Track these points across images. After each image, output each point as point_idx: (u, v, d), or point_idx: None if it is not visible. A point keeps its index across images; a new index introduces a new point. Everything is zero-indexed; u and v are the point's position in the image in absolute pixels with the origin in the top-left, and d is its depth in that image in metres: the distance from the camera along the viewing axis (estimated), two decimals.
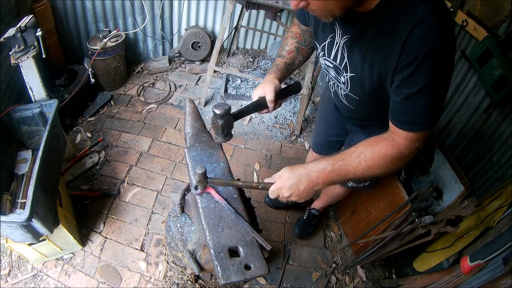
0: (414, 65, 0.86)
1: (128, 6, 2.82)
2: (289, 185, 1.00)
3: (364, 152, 0.98)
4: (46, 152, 1.58)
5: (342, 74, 1.11)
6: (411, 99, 0.91)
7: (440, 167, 1.87)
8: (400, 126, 0.96)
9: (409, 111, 0.94)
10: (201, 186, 1.10)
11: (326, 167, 0.99)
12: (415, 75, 0.87)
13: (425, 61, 0.85)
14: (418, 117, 0.93)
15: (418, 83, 0.88)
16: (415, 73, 0.87)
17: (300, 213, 2.26)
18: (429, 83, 0.88)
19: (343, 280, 2.06)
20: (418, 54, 0.84)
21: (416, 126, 0.94)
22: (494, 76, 1.65)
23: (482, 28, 1.79)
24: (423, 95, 0.90)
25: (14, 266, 1.86)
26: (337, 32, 1.04)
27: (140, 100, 2.93)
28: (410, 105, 0.93)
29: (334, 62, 1.11)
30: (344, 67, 1.08)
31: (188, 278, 1.64)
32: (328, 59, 1.13)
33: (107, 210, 2.15)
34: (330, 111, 1.59)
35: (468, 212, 1.46)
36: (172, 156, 2.53)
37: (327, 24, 1.06)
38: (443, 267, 1.71)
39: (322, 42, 1.12)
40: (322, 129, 1.76)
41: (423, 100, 0.91)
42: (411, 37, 0.84)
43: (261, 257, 0.99)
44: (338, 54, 1.07)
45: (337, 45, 1.06)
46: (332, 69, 1.15)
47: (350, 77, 1.08)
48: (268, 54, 3.62)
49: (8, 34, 1.72)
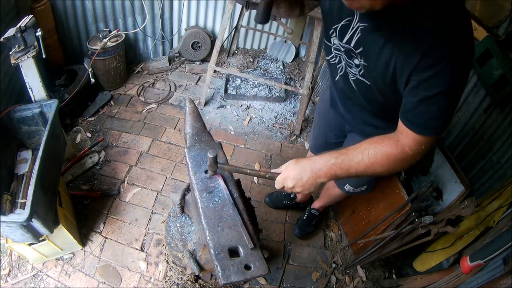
0: (437, 68, 0.86)
1: (128, 6, 2.82)
2: (293, 175, 1.02)
3: (368, 149, 0.99)
4: (46, 152, 1.58)
5: (356, 58, 1.07)
6: (427, 102, 0.91)
7: (440, 167, 1.87)
8: (411, 127, 0.96)
9: (423, 113, 0.93)
10: (211, 171, 1.13)
11: (329, 160, 1.01)
12: (436, 79, 0.87)
13: (448, 67, 0.85)
14: (431, 120, 0.93)
15: (437, 87, 0.88)
16: (436, 76, 0.87)
17: (300, 213, 2.26)
18: (448, 89, 0.88)
19: (343, 280, 2.06)
20: (442, 59, 0.85)
21: (427, 129, 0.94)
22: (494, 76, 1.65)
23: (482, 28, 1.79)
24: (440, 100, 0.90)
25: (14, 266, 1.86)
26: (355, 16, 1.00)
27: (140, 100, 2.93)
28: (425, 107, 0.92)
29: (348, 45, 1.07)
30: (359, 53, 1.05)
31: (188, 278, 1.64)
32: (341, 42, 1.09)
33: (107, 210, 2.15)
34: (329, 112, 1.59)
35: (468, 212, 1.46)
36: (172, 156, 2.53)
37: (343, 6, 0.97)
38: (443, 267, 1.71)
39: (336, 23, 1.08)
40: (320, 131, 1.76)
41: (439, 104, 0.91)
42: (437, 44, 0.84)
43: (261, 257, 0.99)
44: (353, 39, 1.03)
45: (353, 30, 1.02)
46: (343, 53, 1.11)
47: (363, 65, 1.06)
48: (268, 54, 3.62)
49: (8, 34, 1.72)
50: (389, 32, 0.92)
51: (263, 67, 3.45)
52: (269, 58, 3.58)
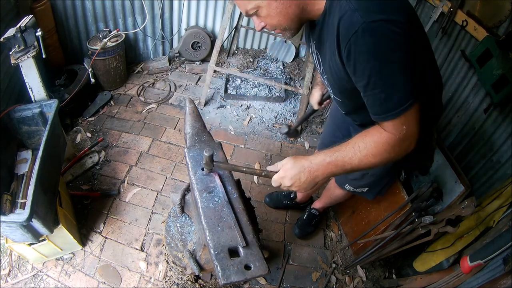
0: (352, 56, 0.87)
1: (128, 6, 2.83)
2: (291, 175, 1.03)
3: (358, 143, 0.99)
4: (46, 152, 1.58)
5: (324, 77, 1.15)
6: (369, 89, 0.92)
7: (440, 167, 1.87)
8: (376, 118, 0.97)
9: (374, 102, 0.94)
10: (207, 169, 1.14)
11: (324, 159, 1.02)
12: (358, 64, 0.88)
13: (358, 48, 0.85)
14: (384, 104, 0.92)
15: (365, 70, 0.87)
16: (357, 62, 0.87)
17: (300, 213, 2.26)
18: (375, 66, 0.86)
19: (343, 280, 2.06)
20: (349, 44, 0.85)
21: (388, 113, 0.93)
22: (494, 76, 1.65)
23: (482, 28, 1.79)
24: (376, 81, 0.88)
25: (14, 266, 1.86)
26: (311, 40, 1.13)
27: (140, 100, 2.93)
28: (371, 95, 0.93)
29: (318, 67, 1.17)
30: (322, 70, 1.13)
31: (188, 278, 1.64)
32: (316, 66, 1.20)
33: (107, 210, 2.15)
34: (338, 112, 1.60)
35: (468, 212, 1.46)
36: (172, 156, 2.53)
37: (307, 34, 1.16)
38: (443, 267, 1.71)
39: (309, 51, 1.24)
40: (330, 130, 1.78)
41: (378, 86, 0.89)
42: (340, 31, 0.88)
43: (261, 257, 0.99)
44: (316, 59, 1.14)
45: (314, 52, 1.13)
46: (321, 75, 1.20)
47: (327, 79, 1.13)
48: (268, 54, 3.62)
49: (8, 34, 1.72)
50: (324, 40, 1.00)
51: (263, 67, 3.45)
52: (269, 58, 3.58)
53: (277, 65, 3.49)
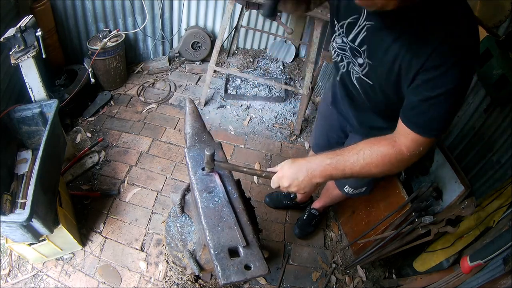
0: (442, 69, 0.86)
1: (128, 6, 2.82)
2: (289, 175, 1.03)
3: (364, 150, 0.98)
4: (46, 152, 1.58)
5: (360, 57, 1.08)
6: (430, 102, 0.91)
7: (440, 167, 1.87)
8: (411, 126, 0.95)
9: (424, 113, 0.93)
10: (208, 168, 1.14)
11: (324, 161, 1.01)
12: (440, 79, 0.88)
13: (453, 69, 0.86)
14: (431, 121, 0.93)
15: (441, 87, 0.88)
16: (441, 77, 0.87)
17: (300, 213, 2.26)
18: (451, 90, 0.88)
19: (343, 280, 2.06)
20: (448, 60, 0.85)
21: (427, 130, 0.94)
22: (494, 76, 1.65)
23: (482, 28, 1.78)
24: (442, 101, 0.89)
25: (14, 266, 1.86)
26: (362, 15, 1.00)
27: (140, 100, 2.93)
28: (427, 107, 0.92)
29: (352, 43, 1.07)
30: (363, 51, 1.05)
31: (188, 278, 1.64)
32: (346, 39, 1.09)
33: (107, 210, 2.15)
34: (331, 111, 1.58)
35: (468, 212, 1.46)
36: (172, 156, 2.53)
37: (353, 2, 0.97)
38: (443, 267, 1.71)
39: (342, 20, 1.08)
40: (323, 130, 1.76)
41: (441, 105, 0.90)
42: (444, 44, 0.85)
43: (261, 257, 0.99)
44: (359, 37, 1.03)
45: (359, 28, 1.02)
46: (348, 50, 1.12)
47: (368, 63, 1.06)
48: (268, 54, 3.62)
49: (8, 34, 1.72)
50: (397, 31, 0.93)
51: (263, 67, 3.45)
52: (269, 58, 3.58)
53: (277, 65, 3.49)
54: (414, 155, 0.97)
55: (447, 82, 0.87)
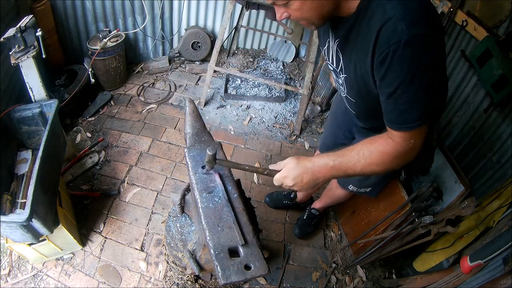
0: (387, 62, 0.86)
1: (128, 6, 2.82)
2: (293, 176, 1.04)
3: (363, 150, 1.01)
4: (46, 152, 1.58)
5: (340, 76, 1.14)
6: (392, 98, 0.91)
7: (440, 167, 1.87)
8: (390, 125, 0.97)
9: (393, 110, 0.94)
10: (209, 167, 1.13)
11: (328, 163, 1.03)
12: (390, 73, 0.87)
13: (395, 57, 0.84)
14: (403, 115, 0.93)
15: (395, 80, 0.88)
16: (389, 70, 0.87)
17: (300, 213, 2.26)
18: (406, 79, 0.86)
19: (343, 280, 2.06)
20: (388, 51, 0.84)
21: (403, 124, 0.94)
22: (494, 76, 1.65)
23: (482, 28, 1.79)
24: (403, 92, 0.89)
25: (14, 266, 1.86)
26: (331, 37, 1.08)
27: (140, 100, 2.93)
28: (392, 104, 0.93)
29: (333, 65, 1.15)
30: (340, 69, 1.11)
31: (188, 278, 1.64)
32: (329, 63, 1.17)
33: (107, 210, 2.15)
34: (340, 112, 1.61)
35: (468, 212, 1.46)
36: (172, 156, 2.53)
37: (325, 29, 1.11)
38: (443, 267, 1.71)
39: (323, 47, 1.16)
40: (331, 130, 1.78)
41: (404, 97, 0.90)
42: (380, 35, 0.85)
43: (261, 257, 0.99)
44: (334, 57, 1.11)
45: (332, 49, 1.10)
46: (333, 72, 1.19)
47: (344, 79, 1.11)
48: (268, 54, 3.62)
49: (8, 34, 1.72)
50: (352, 39, 0.97)
51: (263, 67, 3.45)
52: (269, 58, 3.58)
53: (277, 65, 3.49)
54: (409, 149, 0.97)
55: (398, 72, 0.86)
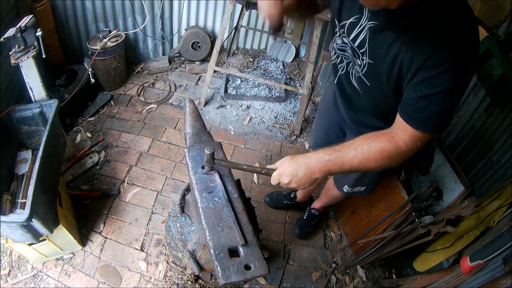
0: (443, 67, 0.88)
1: (128, 6, 2.82)
2: (289, 172, 1.04)
3: (362, 145, 1.00)
4: (46, 152, 1.58)
5: (361, 57, 1.09)
6: (429, 99, 0.93)
7: (440, 167, 1.87)
8: (410, 122, 0.97)
9: (423, 110, 0.95)
10: (208, 166, 1.14)
11: (323, 157, 1.03)
12: (441, 77, 0.89)
13: (453, 69, 0.87)
14: (430, 118, 0.95)
15: (441, 85, 0.90)
16: (441, 75, 0.89)
17: (300, 213, 2.26)
18: (450, 89, 0.90)
19: (343, 280, 2.06)
20: (449, 60, 0.87)
21: (425, 126, 0.96)
22: (494, 76, 1.65)
23: (482, 28, 1.78)
24: (441, 98, 0.91)
25: (14, 266, 1.86)
26: (364, 15, 1.01)
27: (140, 100, 2.93)
28: (426, 104, 0.94)
29: (353, 43, 1.09)
30: (364, 51, 1.06)
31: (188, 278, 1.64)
32: (347, 39, 1.10)
33: (107, 210, 2.15)
34: (331, 110, 1.59)
35: (468, 212, 1.46)
36: (172, 156, 2.53)
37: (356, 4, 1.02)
38: (443, 267, 1.71)
39: (344, 20, 1.09)
40: (322, 129, 1.76)
41: (440, 102, 0.92)
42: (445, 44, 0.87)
43: (261, 257, 0.99)
44: (360, 36, 1.04)
45: (360, 28, 1.03)
46: (349, 50, 1.13)
47: (368, 63, 1.07)
48: (268, 54, 3.62)
49: (8, 34, 1.72)
50: (398, 30, 0.94)
51: (263, 67, 3.45)
52: (269, 58, 3.57)
53: (277, 65, 3.49)
54: (411, 149, 0.99)
55: (447, 81, 0.89)
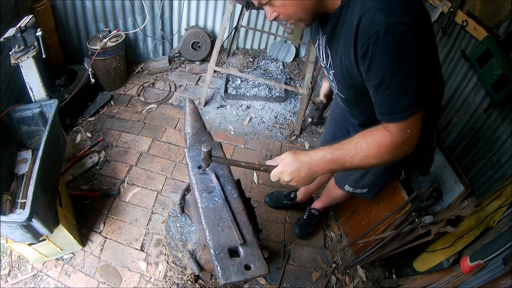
0: (369, 54, 0.86)
1: (128, 6, 2.82)
2: (290, 170, 1.03)
3: (360, 142, 1.00)
4: (46, 152, 1.58)
5: (330, 72, 1.13)
6: (380, 90, 0.91)
7: (440, 167, 1.87)
8: (382, 118, 0.97)
9: (383, 102, 0.94)
10: (205, 164, 1.13)
11: (325, 156, 1.02)
12: (373, 64, 0.87)
13: (376, 48, 0.84)
14: (393, 106, 0.92)
15: (379, 71, 0.87)
16: (372, 62, 0.87)
17: (300, 213, 2.26)
18: (390, 68, 0.86)
19: (343, 280, 2.06)
20: (368, 42, 0.84)
21: (395, 115, 0.93)
22: (494, 76, 1.65)
23: (482, 28, 1.78)
24: (389, 82, 0.88)
25: (14, 266, 1.86)
26: (320, 33, 1.09)
27: (140, 100, 2.93)
28: (381, 96, 0.93)
29: (323, 62, 1.15)
30: (329, 65, 1.11)
31: (188, 278, 1.64)
32: (321, 60, 1.17)
33: (107, 210, 2.15)
34: (338, 111, 1.61)
35: (468, 212, 1.46)
36: (172, 156, 2.53)
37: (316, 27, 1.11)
38: (443, 267, 1.71)
39: (315, 45, 1.17)
40: (330, 129, 1.78)
41: (391, 87, 0.89)
42: (360, 28, 0.86)
43: (261, 257, 0.99)
44: (324, 54, 1.11)
45: (322, 46, 1.10)
46: (324, 69, 1.19)
47: (334, 74, 1.11)
48: (268, 54, 3.62)
49: (8, 34, 1.72)
50: (338, 34, 0.98)
51: (263, 67, 3.45)
52: (269, 58, 3.58)
53: (277, 65, 3.49)
54: (406, 139, 0.96)
55: (381, 63, 0.86)
